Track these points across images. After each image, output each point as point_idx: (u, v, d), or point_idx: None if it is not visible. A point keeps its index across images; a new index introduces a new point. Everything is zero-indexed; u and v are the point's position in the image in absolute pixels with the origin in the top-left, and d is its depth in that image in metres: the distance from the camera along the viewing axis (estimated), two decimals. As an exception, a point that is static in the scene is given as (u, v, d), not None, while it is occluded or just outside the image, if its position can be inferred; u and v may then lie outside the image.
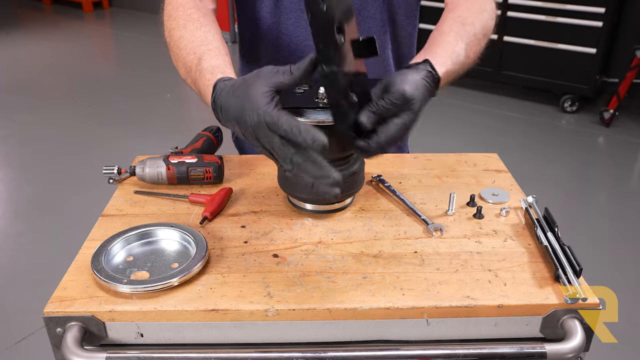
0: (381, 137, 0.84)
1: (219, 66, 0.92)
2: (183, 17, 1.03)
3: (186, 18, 1.03)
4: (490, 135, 3.80)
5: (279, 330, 0.83)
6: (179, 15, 1.04)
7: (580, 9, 3.84)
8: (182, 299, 0.82)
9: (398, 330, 0.83)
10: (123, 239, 0.92)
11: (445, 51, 0.94)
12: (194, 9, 1.05)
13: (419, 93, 0.85)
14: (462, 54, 0.96)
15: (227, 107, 0.83)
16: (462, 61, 0.97)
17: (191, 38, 0.99)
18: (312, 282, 0.86)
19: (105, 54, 5.99)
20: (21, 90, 4.55)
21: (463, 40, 0.98)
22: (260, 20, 1.18)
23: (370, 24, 1.16)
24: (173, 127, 3.83)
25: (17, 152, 3.70)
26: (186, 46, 0.98)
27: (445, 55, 0.94)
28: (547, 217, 0.98)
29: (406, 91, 0.83)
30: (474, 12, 1.03)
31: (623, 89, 3.84)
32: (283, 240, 0.96)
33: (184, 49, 0.99)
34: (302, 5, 1.14)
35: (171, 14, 1.06)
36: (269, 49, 1.19)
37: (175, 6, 1.06)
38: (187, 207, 1.05)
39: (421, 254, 0.93)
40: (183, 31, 1.01)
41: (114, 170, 1.12)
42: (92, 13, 6.96)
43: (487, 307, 0.82)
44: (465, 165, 1.21)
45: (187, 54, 0.98)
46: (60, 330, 0.80)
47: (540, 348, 0.80)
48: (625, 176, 3.51)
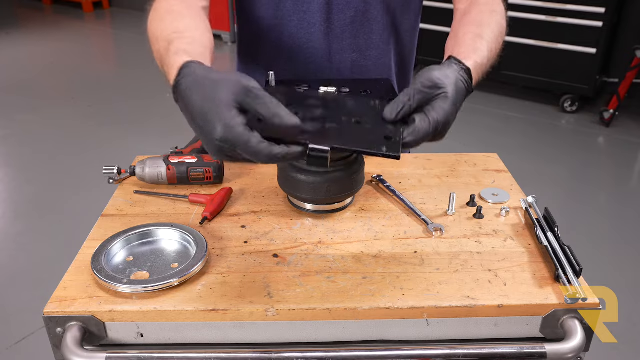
0: (423, 122, 0.79)
1: (188, 50, 0.84)
2: (164, 10, 0.99)
3: (167, 10, 0.99)
4: (490, 135, 3.80)
5: (279, 330, 0.83)
6: (161, 7, 1.00)
7: (580, 9, 3.84)
8: (182, 299, 0.82)
9: (398, 330, 0.83)
10: (123, 239, 0.92)
11: (467, 48, 0.93)
12: (178, 2, 1.01)
13: (449, 80, 0.82)
14: (484, 50, 0.95)
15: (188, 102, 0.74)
16: (487, 55, 0.95)
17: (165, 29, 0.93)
18: (312, 282, 0.86)
19: (105, 54, 5.99)
20: (21, 90, 4.55)
21: (483, 38, 0.97)
22: (261, 21, 1.18)
23: (373, 27, 1.16)
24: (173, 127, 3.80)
25: (17, 152, 3.70)
26: (160, 35, 0.93)
27: (469, 51, 0.92)
28: (547, 217, 0.98)
29: (434, 75, 0.81)
30: (485, 14, 1.03)
31: (623, 89, 3.84)
32: (283, 240, 0.96)
33: (158, 38, 0.93)
34: (305, 7, 1.13)
35: (154, 7, 1.02)
36: (269, 50, 1.19)
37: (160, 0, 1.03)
38: (187, 207, 1.05)
39: (421, 254, 0.93)
40: (159, 22, 0.96)
41: (114, 170, 1.12)
42: (92, 13, 6.95)
43: (487, 307, 0.82)
44: (465, 165, 1.21)
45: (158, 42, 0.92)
46: (60, 330, 0.80)
47: (540, 348, 0.80)
48: (625, 176, 3.51)
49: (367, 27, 1.16)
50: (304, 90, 1.04)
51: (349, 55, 1.18)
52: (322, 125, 0.76)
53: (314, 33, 1.15)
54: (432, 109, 0.81)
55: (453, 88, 0.83)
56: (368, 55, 1.19)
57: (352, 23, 1.15)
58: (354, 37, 1.16)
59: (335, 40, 1.16)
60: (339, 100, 0.81)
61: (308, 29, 1.15)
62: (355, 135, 0.76)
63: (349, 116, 0.78)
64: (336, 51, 1.17)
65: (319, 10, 1.13)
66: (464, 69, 0.87)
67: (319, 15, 1.13)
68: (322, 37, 1.15)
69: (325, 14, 1.13)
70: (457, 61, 0.88)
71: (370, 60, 1.19)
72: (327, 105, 0.80)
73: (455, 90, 0.83)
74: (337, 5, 1.13)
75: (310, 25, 1.14)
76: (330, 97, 0.81)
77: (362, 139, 0.75)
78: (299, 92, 0.82)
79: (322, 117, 0.76)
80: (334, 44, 1.16)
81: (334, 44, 1.16)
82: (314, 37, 1.15)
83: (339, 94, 0.81)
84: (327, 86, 0.99)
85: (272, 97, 0.72)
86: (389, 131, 0.78)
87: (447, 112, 0.81)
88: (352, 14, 1.14)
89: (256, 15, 1.17)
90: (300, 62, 1.18)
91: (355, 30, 1.15)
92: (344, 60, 1.18)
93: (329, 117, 0.77)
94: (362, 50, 1.18)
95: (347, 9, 1.13)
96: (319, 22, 1.14)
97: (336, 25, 1.15)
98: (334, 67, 1.18)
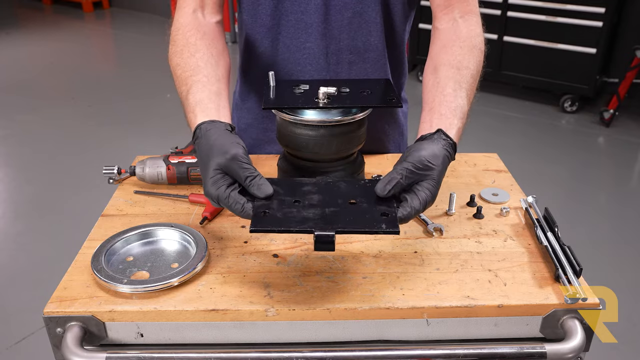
0: (414, 201, 0.84)
1: (202, 101, 0.96)
2: (181, 43, 1.06)
3: (184, 44, 1.06)
4: (490, 135, 3.80)
5: (279, 330, 0.83)
6: (178, 40, 1.07)
7: (580, 9, 3.84)
8: (182, 299, 0.82)
9: (398, 330, 0.83)
10: (123, 239, 0.92)
11: (449, 110, 0.95)
12: (193, 30, 1.08)
13: (438, 161, 0.87)
14: (465, 105, 0.98)
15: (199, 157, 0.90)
16: (466, 111, 0.98)
17: (185, 67, 1.03)
18: (312, 282, 0.86)
19: (105, 54, 5.99)
20: (21, 90, 4.55)
21: (462, 87, 0.99)
22: (260, 22, 1.18)
23: (370, 28, 1.16)
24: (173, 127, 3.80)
25: (17, 152, 3.70)
26: (180, 75, 1.03)
27: (452, 115, 0.95)
28: (547, 217, 0.98)
29: (425, 157, 0.86)
30: (466, 50, 1.04)
31: (623, 89, 3.84)
32: (283, 240, 0.96)
33: (179, 77, 1.03)
34: (302, 7, 1.14)
35: (173, 38, 1.09)
36: (268, 50, 1.19)
37: (177, 28, 1.09)
38: (187, 207, 1.05)
39: (421, 254, 0.93)
40: (179, 59, 1.05)
41: (114, 170, 1.12)
42: (92, 13, 6.96)
43: (487, 307, 0.82)
44: (465, 165, 1.21)
45: (180, 85, 1.02)
46: (60, 330, 0.80)
47: (540, 348, 0.80)
48: (625, 176, 3.51)
49: (364, 28, 1.16)
50: (304, 90, 1.04)
51: (346, 56, 1.18)
52: (322, 211, 0.82)
53: (312, 34, 1.15)
54: (421, 190, 0.85)
55: (440, 169, 0.87)
56: (365, 57, 1.19)
57: (349, 24, 1.15)
58: (351, 39, 1.16)
59: (332, 41, 1.16)
60: (332, 185, 0.88)
61: (305, 29, 1.15)
62: (354, 216, 0.82)
63: (344, 198, 0.85)
64: (333, 52, 1.17)
65: (316, 11, 1.13)
66: (450, 144, 0.91)
67: (316, 16, 1.13)
68: (319, 37, 1.15)
69: (323, 15, 1.13)
70: (445, 136, 0.91)
71: (368, 62, 1.19)
72: (323, 191, 0.87)
73: (442, 169, 0.88)
74: (335, 7, 1.13)
75: (308, 25, 1.15)
76: (323, 183, 0.88)
77: (361, 219, 0.81)
78: (292, 181, 0.90)
79: (321, 202, 0.84)
80: (331, 45, 1.16)
81: (331, 44, 1.16)
82: (312, 37, 1.15)
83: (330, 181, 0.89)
84: (327, 86, 1.00)
85: (253, 168, 0.84)
86: (383, 209, 0.82)
87: (434, 193, 0.86)
88: (350, 15, 1.14)
89: (255, 15, 1.18)
90: (298, 63, 1.18)
91: (353, 31, 1.16)
92: (341, 61, 1.18)
93: (327, 202, 0.84)
94: (359, 51, 1.18)
95: (345, 10, 1.13)
96: (316, 23, 1.14)
97: (333, 26, 1.15)
98: (330, 67, 1.18)
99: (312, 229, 0.77)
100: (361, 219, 0.81)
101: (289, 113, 1.00)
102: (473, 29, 1.08)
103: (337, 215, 0.81)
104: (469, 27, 1.08)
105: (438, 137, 0.91)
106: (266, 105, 1.00)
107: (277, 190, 0.84)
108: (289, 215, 0.80)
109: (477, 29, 1.08)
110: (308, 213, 0.81)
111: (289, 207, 0.82)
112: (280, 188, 0.85)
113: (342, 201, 0.84)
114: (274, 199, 0.83)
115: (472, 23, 1.08)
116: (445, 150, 0.89)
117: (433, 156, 0.87)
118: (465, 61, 1.03)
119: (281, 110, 1.00)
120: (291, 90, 1.05)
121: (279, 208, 0.81)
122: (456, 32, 1.07)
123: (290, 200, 0.83)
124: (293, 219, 0.80)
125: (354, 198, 0.85)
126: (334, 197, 0.85)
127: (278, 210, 0.81)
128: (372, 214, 0.82)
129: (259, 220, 0.79)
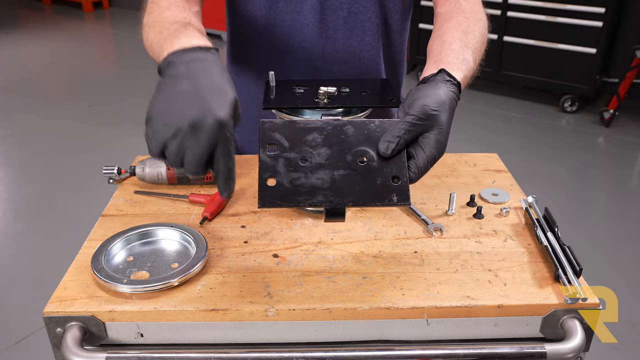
0: (420, 159, 0.80)
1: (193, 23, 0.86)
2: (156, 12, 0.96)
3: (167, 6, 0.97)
4: (490, 135, 3.80)
5: (279, 330, 0.83)
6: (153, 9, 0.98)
7: (580, 9, 3.84)
8: (182, 299, 0.82)
9: (398, 330, 0.83)
10: (123, 239, 0.92)
11: (456, 58, 0.92)
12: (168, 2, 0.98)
13: (443, 107, 0.82)
14: (470, 61, 0.94)
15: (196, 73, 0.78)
16: (472, 67, 0.95)
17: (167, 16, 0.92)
18: (312, 282, 0.86)
19: (105, 54, 5.99)
20: (21, 90, 4.55)
21: (469, 47, 0.96)
22: (253, 22, 1.17)
23: (366, 28, 1.16)
24: (173, 127, 3.81)
25: (17, 152, 3.70)
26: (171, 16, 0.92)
27: (458, 62, 0.91)
28: (547, 217, 0.98)
29: (428, 106, 0.80)
30: (471, 21, 1.03)
31: (623, 89, 3.84)
32: (283, 240, 0.96)
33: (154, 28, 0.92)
34: (298, 8, 1.13)
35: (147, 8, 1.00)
36: (262, 50, 1.19)
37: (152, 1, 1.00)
38: (187, 207, 1.05)
39: (421, 254, 0.93)
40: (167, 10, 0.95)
41: (114, 170, 1.12)
42: (92, 13, 6.96)
43: (487, 307, 0.82)
44: (465, 165, 1.21)
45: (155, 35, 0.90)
46: (60, 330, 0.80)
47: (540, 348, 0.80)
48: (625, 176, 3.51)
49: (360, 28, 1.16)
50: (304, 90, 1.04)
51: (342, 55, 1.18)
52: (331, 176, 0.79)
53: (307, 34, 1.15)
54: (430, 143, 0.80)
55: (447, 115, 0.81)
56: (360, 56, 1.19)
57: (345, 24, 1.15)
58: (347, 38, 1.16)
59: (328, 41, 1.16)
60: (339, 130, 0.83)
61: (301, 29, 1.15)
62: (365, 183, 0.79)
63: (354, 153, 0.81)
64: (329, 52, 1.17)
65: (312, 11, 1.13)
66: (455, 84, 0.86)
67: (311, 16, 1.13)
68: (315, 37, 1.15)
69: (319, 14, 1.13)
70: (449, 76, 0.86)
71: (363, 62, 1.19)
72: (330, 139, 0.82)
73: (449, 114, 0.82)
74: (330, 6, 1.13)
75: (303, 25, 1.15)
76: (329, 128, 0.83)
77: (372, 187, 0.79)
78: (297, 126, 0.83)
79: (329, 158, 0.80)
80: (327, 45, 1.16)
81: (327, 44, 1.16)
82: (307, 37, 1.15)
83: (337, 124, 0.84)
84: (327, 86, 1.00)
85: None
86: (394, 170, 0.80)
87: (443, 144, 0.81)
88: (345, 15, 1.14)
89: (248, 16, 1.17)
90: (293, 63, 1.18)
91: (348, 31, 1.16)
92: (336, 61, 1.18)
93: (336, 159, 0.80)
94: (354, 51, 1.18)
95: (340, 9, 1.13)
96: (312, 23, 1.14)
97: (329, 26, 1.15)
98: (326, 67, 1.18)
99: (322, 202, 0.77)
100: (372, 186, 0.79)
101: (289, 113, 1.00)
102: (477, 8, 1.07)
103: (347, 183, 0.78)
104: (472, 6, 1.07)
105: (441, 78, 0.85)
106: (266, 105, 1.00)
107: (281, 142, 0.79)
108: (297, 183, 0.77)
109: (481, 9, 1.07)
110: (317, 180, 0.78)
111: (296, 171, 0.78)
112: (284, 137, 0.81)
113: (352, 158, 0.80)
114: (279, 157, 0.79)
115: (475, 3, 1.07)
116: (450, 92, 0.83)
117: (437, 102, 0.81)
118: (471, 28, 1.00)
119: (281, 110, 1.01)
120: (291, 90, 1.05)
121: (286, 173, 0.78)
122: (460, 8, 1.06)
123: (297, 159, 0.79)
124: (301, 188, 0.77)
125: (363, 151, 0.81)
126: (342, 149, 0.81)
127: (285, 176, 0.78)
128: (382, 177, 0.79)
129: (266, 192, 0.77)
